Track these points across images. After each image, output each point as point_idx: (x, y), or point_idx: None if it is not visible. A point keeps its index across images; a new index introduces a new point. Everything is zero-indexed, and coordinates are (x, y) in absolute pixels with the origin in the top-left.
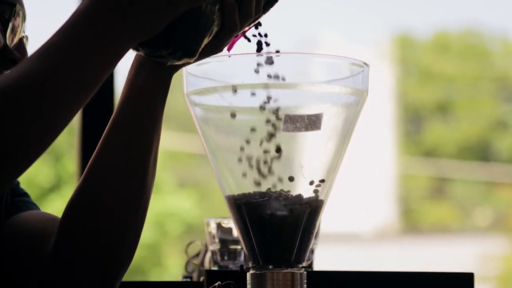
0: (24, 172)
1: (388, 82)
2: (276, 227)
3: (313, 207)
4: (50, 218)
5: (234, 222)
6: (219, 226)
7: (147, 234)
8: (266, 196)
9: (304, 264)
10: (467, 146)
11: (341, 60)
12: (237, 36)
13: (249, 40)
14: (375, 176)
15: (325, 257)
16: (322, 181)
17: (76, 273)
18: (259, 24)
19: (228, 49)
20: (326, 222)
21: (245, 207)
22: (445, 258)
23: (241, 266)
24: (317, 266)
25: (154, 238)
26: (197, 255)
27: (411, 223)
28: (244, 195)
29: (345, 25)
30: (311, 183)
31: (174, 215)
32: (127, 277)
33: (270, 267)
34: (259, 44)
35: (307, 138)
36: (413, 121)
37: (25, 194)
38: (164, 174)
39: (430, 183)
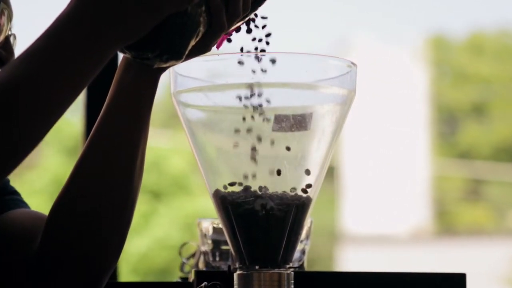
0: (11, 172)
1: (422, 84)
2: (262, 227)
3: (299, 207)
4: (39, 216)
5: (221, 221)
6: (211, 226)
7: (176, 235)
8: (252, 195)
9: (296, 264)
10: (502, 147)
11: (329, 59)
12: (226, 34)
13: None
14: (410, 178)
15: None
16: (309, 186)
17: (60, 273)
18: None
19: (217, 47)
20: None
21: (231, 207)
22: (479, 260)
23: (229, 267)
24: (350, 268)
25: (184, 239)
26: (193, 255)
27: (446, 225)
28: (230, 194)
29: (379, 27)
30: (296, 184)
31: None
32: (158, 277)
33: (257, 267)
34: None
35: (295, 137)
36: (448, 122)
37: (15, 193)
38: (194, 176)
39: (465, 184)
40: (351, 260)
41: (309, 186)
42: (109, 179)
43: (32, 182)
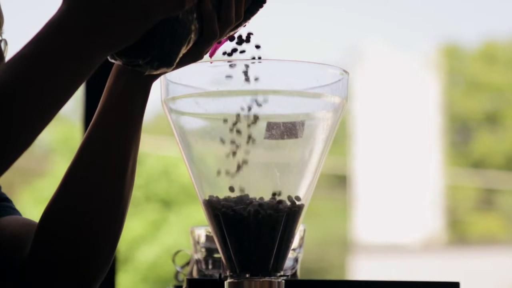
0: None
1: (435, 92)
2: (252, 234)
3: (290, 214)
4: (30, 223)
5: (212, 229)
6: (204, 234)
7: (186, 243)
8: (243, 203)
9: (289, 272)
10: None
11: (322, 67)
12: (220, 42)
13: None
14: (422, 187)
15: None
16: (298, 198)
17: (50, 279)
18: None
19: (210, 55)
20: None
21: (222, 214)
22: (492, 269)
23: (220, 275)
24: (362, 277)
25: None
26: (188, 264)
27: (458, 234)
28: (220, 202)
29: (392, 35)
30: (288, 191)
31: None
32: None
33: (248, 275)
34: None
35: (286, 145)
36: (460, 131)
37: (6, 199)
38: None
39: (478, 194)
40: (363, 269)
41: (298, 198)
42: (100, 186)
43: (42, 190)
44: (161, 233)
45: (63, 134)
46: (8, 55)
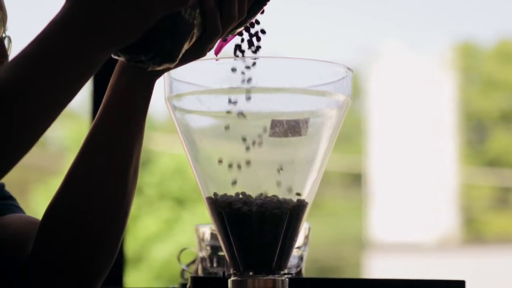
0: (2, 177)
1: (450, 91)
2: (255, 232)
3: (294, 212)
4: (32, 221)
5: (215, 227)
6: (208, 232)
7: None
8: (246, 200)
9: (294, 271)
10: None
11: (326, 64)
12: (225, 40)
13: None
14: (438, 186)
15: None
16: (298, 194)
17: (52, 277)
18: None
19: (216, 53)
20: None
21: (225, 212)
22: (507, 268)
23: (223, 273)
24: (377, 276)
25: None
26: (194, 262)
27: (474, 233)
28: (223, 199)
29: (407, 34)
30: (291, 189)
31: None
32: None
33: (251, 273)
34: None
35: (290, 142)
36: (476, 130)
37: (10, 198)
38: None
39: (493, 192)
40: (378, 268)
41: (301, 195)
42: (102, 184)
43: (56, 187)
44: (174, 231)
45: (77, 132)
46: (12, 52)
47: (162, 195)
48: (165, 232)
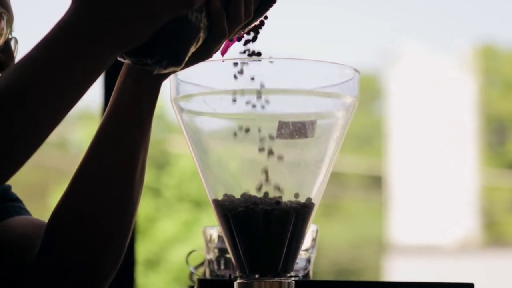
0: (9, 178)
1: (471, 93)
2: (261, 234)
3: (300, 214)
4: (39, 224)
5: (221, 229)
6: (216, 234)
7: None
8: (251, 202)
9: (301, 273)
10: None
11: (332, 66)
12: (232, 40)
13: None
14: (458, 188)
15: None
16: (309, 199)
17: (58, 279)
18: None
19: (222, 54)
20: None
21: (230, 214)
22: None
23: (229, 275)
24: (398, 278)
25: None
26: (202, 264)
27: (494, 235)
28: (229, 201)
29: (428, 36)
30: (297, 191)
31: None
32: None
33: (257, 276)
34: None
35: (297, 144)
36: (496, 132)
37: (16, 200)
38: None
39: None
40: (398, 270)
41: (307, 197)
42: (108, 186)
43: None
44: (193, 233)
45: None
46: (19, 53)
47: (180, 197)
48: (183, 234)
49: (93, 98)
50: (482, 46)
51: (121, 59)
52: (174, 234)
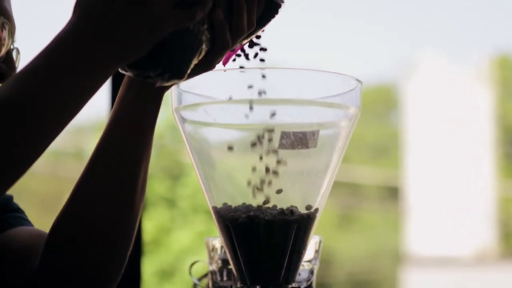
0: (8, 189)
1: (488, 104)
2: (262, 245)
3: (302, 225)
4: (40, 234)
5: (222, 240)
6: (219, 245)
7: None
8: (253, 212)
9: (304, 284)
10: None
11: (335, 76)
12: (234, 50)
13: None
14: (475, 199)
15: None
16: (309, 207)
17: None
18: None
19: (224, 63)
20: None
21: (231, 224)
22: None
23: (231, 286)
24: None
25: None
26: (206, 275)
27: (511, 247)
28: (230, 211)
29: (445, 46)
30: (300, 201)
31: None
32: None
33: (258, 287)
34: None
35: (298, 154)
36: None
37: (18, 210)
38: None
39: None
40: (415, 282)
41: (309, 207)
42: (110, 195)
43: None
44: None
45: None
46: (21, 64)
47: (195, 208)
48: (198, 245)
49: (108, 109)
50: (499, 57)
51: (123, 71)
52: (188, 245)
